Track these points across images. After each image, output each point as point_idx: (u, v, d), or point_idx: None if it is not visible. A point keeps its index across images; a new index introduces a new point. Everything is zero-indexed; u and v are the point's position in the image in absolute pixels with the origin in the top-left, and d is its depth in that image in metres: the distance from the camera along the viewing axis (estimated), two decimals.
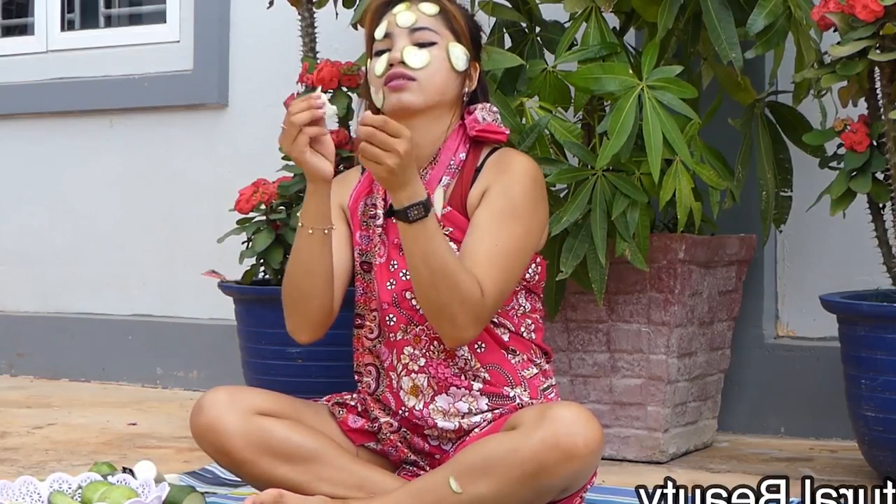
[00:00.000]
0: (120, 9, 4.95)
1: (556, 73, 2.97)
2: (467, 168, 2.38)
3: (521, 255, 2.30)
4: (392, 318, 2.37)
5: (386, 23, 2.39)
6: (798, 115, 3.17)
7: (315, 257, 2.33)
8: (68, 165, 4.62)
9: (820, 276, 3.43)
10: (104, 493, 2.27)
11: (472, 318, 2.23)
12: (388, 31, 2.38)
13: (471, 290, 2.21)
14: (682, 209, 2.86)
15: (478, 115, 2.39)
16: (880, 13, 2.70)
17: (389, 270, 2.38)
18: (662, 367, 3.06)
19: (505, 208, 2.29)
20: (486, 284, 2.23)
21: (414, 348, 2.37)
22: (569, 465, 2.14)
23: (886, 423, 2.75)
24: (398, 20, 2.37)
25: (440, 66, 2.35)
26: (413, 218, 2.18)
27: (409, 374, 2.38)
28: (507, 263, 2.27)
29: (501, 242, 2.27)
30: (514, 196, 2.30)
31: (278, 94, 3.66)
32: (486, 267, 2.24)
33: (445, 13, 2.39)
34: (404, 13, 2.37)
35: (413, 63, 2.33)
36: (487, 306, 2.24)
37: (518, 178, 2.32)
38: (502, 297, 2.29)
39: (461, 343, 2.28)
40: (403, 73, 2.33)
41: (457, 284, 2.20)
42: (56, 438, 3.42)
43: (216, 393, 2.37)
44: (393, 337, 2.39)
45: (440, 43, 2.36)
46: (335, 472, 2.34)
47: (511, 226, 2.28)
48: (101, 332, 4.50)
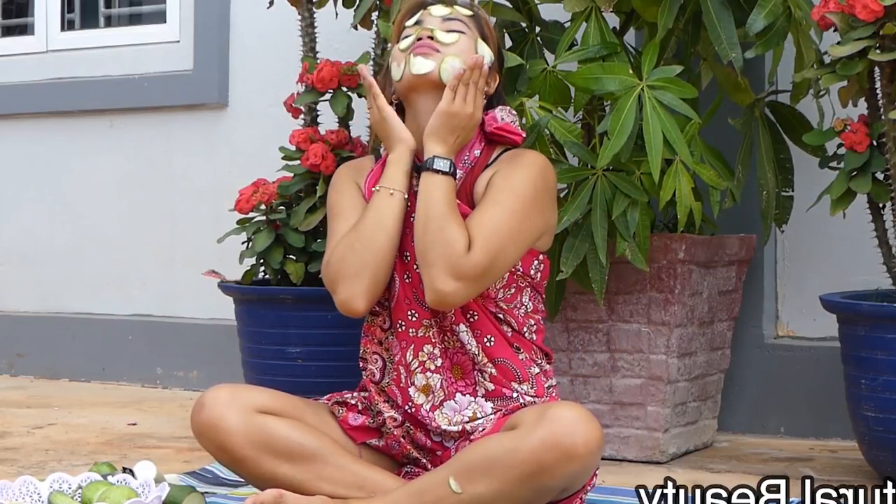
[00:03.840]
0: (120, 9, 4.95)
1: (556, 73, 2.97)
2: (479, 164, 2.41)
3: (518, 231, 2.30)
4: (414, 314, 2.38)
5: (419, 13, 2.45)
6: (798, 114, 3.17)
7: (394, 219, 2.35)
8: (68, 165, 4.62)
9: (820, 276, 3.43)
10: (104, 493, 2.27)
11: (449, 269, 2.24)
12: (420, 19, 2.43)
13: (456, 239, 2.24)
14: (682, 209, 2.86)
15: (497, 115, 2.43)
16: (880, 13, 2.70)
17: (404, 262, 2.39)
18: (662, 367, 3.06)
19: (504, 187, 2.32)
20: (476, 243, 2.25)
21: (434, 347, 2.37)
22: (568, 465, 2.14)
23: (886, 423, 2.75)
24: (432, 10, 2.44)
25: (466, 52, 2.39)
26: (441, 169, 2.29)
27: (424, 371, 2.38)
28: (501, 234, 2.28)
29: (496, 215, 2.29)
30: (516, 179, 2.33)
31: (278, 94, 3.67)
32: (478, 232, 2.27)
33: (478, 18, 2.46)
34: (440, 6, 2.44)
35: (442, 38, 2.38)
36: (469, 265, 2.24)
37: (523, 167, 2.35)
38: (489, 266, 2.27)
39: (440, 301, 2.27)
40: (430, 43, 2.38)
41: (443, 228, 2.25)
42: (56, 438, 3.42)
43: (217, 390, 2.37)
44: (413, 333, 2.39)
45: (469, 35, 2.42)
46: (336, 471, 2.34)
47: (507, 203, 2.30)
48: (100, 332, 4.50)
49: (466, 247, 2.25)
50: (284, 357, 3.32)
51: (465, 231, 2.27)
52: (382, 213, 2.36)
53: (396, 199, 2.36)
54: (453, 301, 2.28)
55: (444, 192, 2.30)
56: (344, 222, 2.42)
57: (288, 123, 3.56)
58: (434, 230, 2.27)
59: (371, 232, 2.35)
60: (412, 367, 2.39)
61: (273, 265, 3.36)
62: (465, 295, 2.28)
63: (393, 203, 2.36)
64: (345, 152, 3.40)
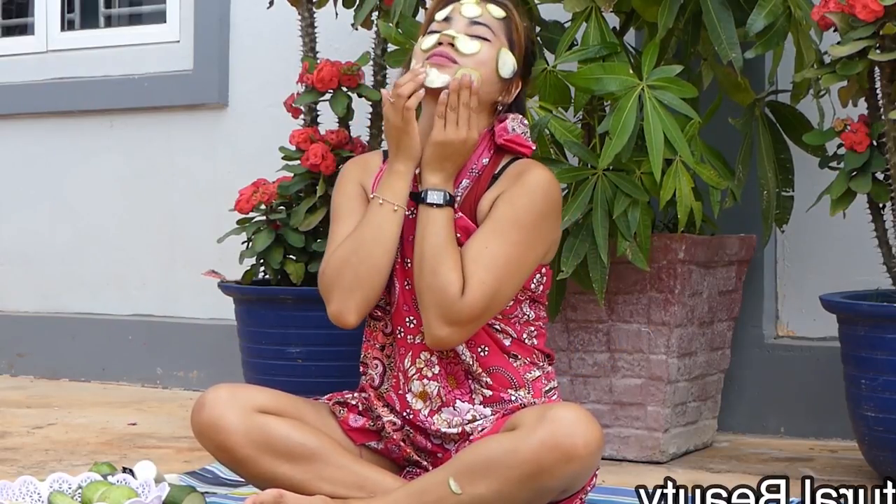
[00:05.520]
0: (120, 9, 4.95)
1: (556, 73, 2.97)
2: (486, 174, 2.38)
3: (517, 265, 2.28)
4: (412, 321, 2.37)
5: (451, 8, 2.40)
6: (799, 114, 3.17)
7: (393, 235, 2.33)
8: (68, 165, 4.62)
9: (820, 276, 3.43)
10: (104, 493, 2.27)
11: (442, 316, 2.24)
12: (449, 16, 2.39)
13: (449, 284, 2.23)
14: (682, 209, 2.86)
15: (508, 125, 2.39)
16: (880, 13, 2.70)
17: (405, 268, 2.37)
18: (662, 367, 3.06)
19: (507, 216, 2.29)
20: (471, 286, 2.23)
21: (431, 354, 2.36)
22: (568, 466, 2.14)
23: (886, 423, 2.75)
24: (463, 9, 2.39)
25: (485, 63, 2.35)
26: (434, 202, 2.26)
27: (421, 378, 2.37)
28: (500, 271, 2.25)
29: (496, 249, 2.26)
30: (520, 206, 2.29)
31: (278, 94, 3.67)
32: (475, 269, 2.25)
33: (510, 21, 2.41)
34: (471, 5, 2.39)
35: (462, 48, 2.34)
36: (463, 309, 2.23)
37: (528, 190, 2.31)
38: (488, 305, 2.26)
39: (437, 344, 2.28)
40: (448, 54, 2.34)
41: (436, 272, 2.24)
42: (56, 438, 3.42)
43: (218, 390, 2.37)
44: (411, 339, 2.37)
45: (493, 43, 2.37)
46: (336, 471, 2.34)
47: (509, 234, 2.27)
48: (101, 332, 4.50)
49: (460, 291, 2.23)
50: (284, 357, 3.32)
51: (459, 272, 2.24)
52: (382, 229, 2.32)
53: (399, 215, 2.33)
54: (450, 343, 2.28)
55: (438, 228, 2.27)
56: (343, 227, 2.40)
57: (288, 123, 3.56)
58: (428, 274, 2.25)
59: (369, 247, 2.32)
60: (409, 374, 2.38)
61: (273, 265, 3.36)
62: (462, 337, 2.28)
63: (394, 219, 2.33)
64: (345, 152, 3.40)
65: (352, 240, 2.34)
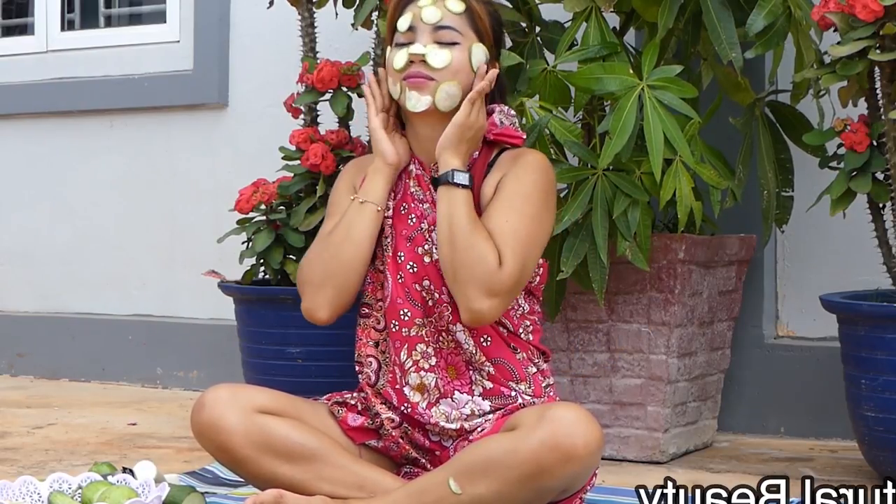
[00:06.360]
0: (120, 9, 4.95)
1: (556, 72, 2.97)
2: (478, 165, 2.40)
3: (536, 238, 2.31)
4: (406, 314, 2.38)
5: (410, 15, 2.37)
6: (799, 114, 3.17)
7: (363, 230, 2.37)
8: (68, 165, 4.62)
9: (820, 276, 3.43)
10: (104, 493, 2.27)
11: (485, 287, 2.23)
12: (412, 25, 2.37)
13: (487, 255, 2.24)
14: (682, 209, 2.86)
15: (496, 119, 2.41)
16: (880, 13, 2.70)
17: (397, 262, 2.39)
18: (662, 367, 3.06)
19: (518, 191, 2.32)
20: (506, 255, 2.25)
21: (427, 346, 2.37)
22: (568, 466, 2.14)
23: (886, 423, 2.75)
24: (423, 15, 2.36)
25: (460, 70, 2.36)
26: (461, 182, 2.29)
27: (418, 370, 2.38)
28: (524, 241, 2.28)
29: (516, 222, 2.29)
30: (528, 182, 2.32)
31: (278, 94, 3.66)
32: (503, 240, 2.26)
33: (471, 12, 2.39)
34: (430, 8, 2.36)
35: (434, 63, 2.34)
36: (503, 279, 2.24)
37: (531, 168, 2.34)
38: (520, 277, 2.27)
39: (477, 320, 2.27)
40: (422, 74, 2.34)
41: (473, 245, 2.24)
42: (56, 438, 3.42)
43: (217, 390, 2.37)
44: (406, 332, 2.38)
45: (462, 44, 2.37)
46: (335, 471, 2.34)
47: (524, 208, 2.30)
48: (100, 332, 4.50)
49: (498, 261, 2.25)
50: (284, 357, 3.32)
51: (493, 244, 2.26)
52: (353, 224, 2.37)
53: (367, 209, 2.37)
54: (490, 318, 2.28)
55: (467, 207, 2.29)
56: (329, 226, 2.44)
57: (288, 123, 3.56)
58: (463, 248, 2.25)
59: (339, 242, 2.37)
60: (406, 367, 2.39)
61: (273, 265, 3.36)
62: (501, 310, 2.28)
63: (364, 214, 2.37)
64: (345, 152, 3.40)
65: (326, 238, 2.39)
